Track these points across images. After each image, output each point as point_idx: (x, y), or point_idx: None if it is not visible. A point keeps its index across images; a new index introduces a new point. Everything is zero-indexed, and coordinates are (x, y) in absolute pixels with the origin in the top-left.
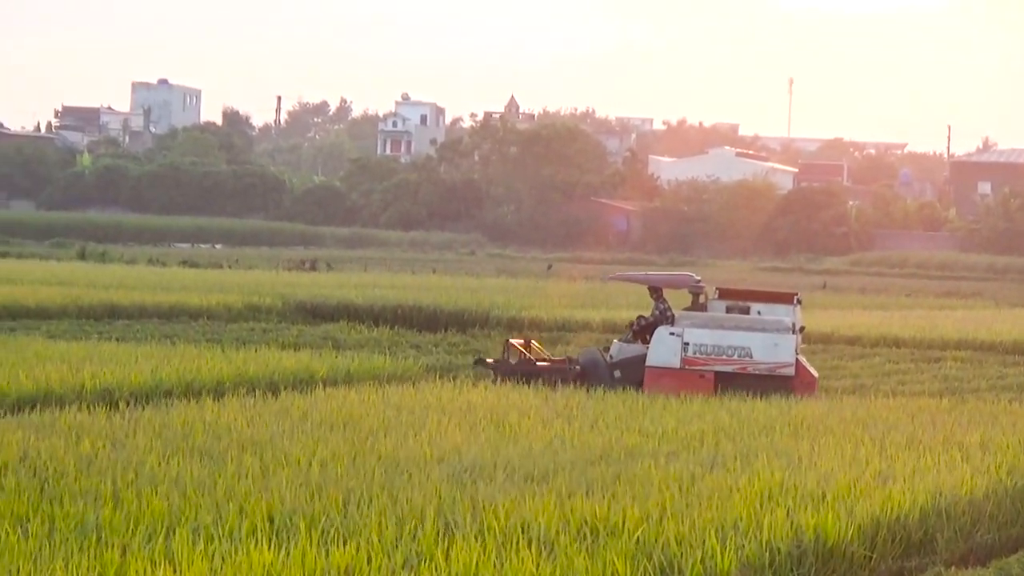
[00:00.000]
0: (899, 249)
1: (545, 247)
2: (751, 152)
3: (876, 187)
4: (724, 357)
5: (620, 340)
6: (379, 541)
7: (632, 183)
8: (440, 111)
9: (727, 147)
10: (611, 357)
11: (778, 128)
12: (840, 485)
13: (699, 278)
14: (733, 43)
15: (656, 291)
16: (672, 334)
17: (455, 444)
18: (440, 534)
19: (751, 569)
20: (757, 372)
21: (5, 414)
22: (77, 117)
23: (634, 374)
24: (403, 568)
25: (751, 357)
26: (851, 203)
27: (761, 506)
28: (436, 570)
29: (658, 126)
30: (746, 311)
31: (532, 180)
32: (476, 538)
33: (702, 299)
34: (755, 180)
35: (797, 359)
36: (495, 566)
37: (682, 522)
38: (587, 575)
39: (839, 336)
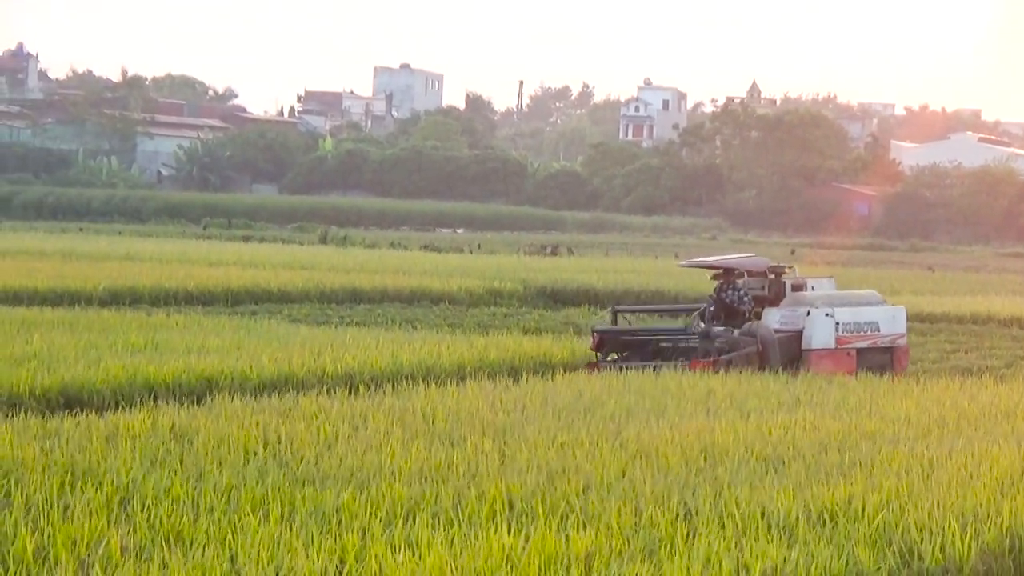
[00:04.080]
0: None
1: (786, 232)
2: (993, 138)
3: None
4: (861, 333)
5: (706, 325)
6: (618, 526)
7: (874, 168)
8: (682, 96)
9: (969, 132)
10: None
11: (1021, 114)
12: None
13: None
14: (975, 28)
15: (728, 275)
16: (827, 315)
17: (695, 429)
18: (679, 519)
19: (991, 556)
20: (883, 345)
21: (248, 398)
22: (320, 102)
23: (786, 353)
24: (643, 554)
25: (879, 331)
26: None
27: (1001, 492)
28: (676, 556)
29: (900, 111)
30: (802, 287)
31: (774, 165)
32: (716, 524)
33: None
34: (997, 166)
35: None
36: (735, 552)
37: (922, 508)
38: (828, 562)
39: None
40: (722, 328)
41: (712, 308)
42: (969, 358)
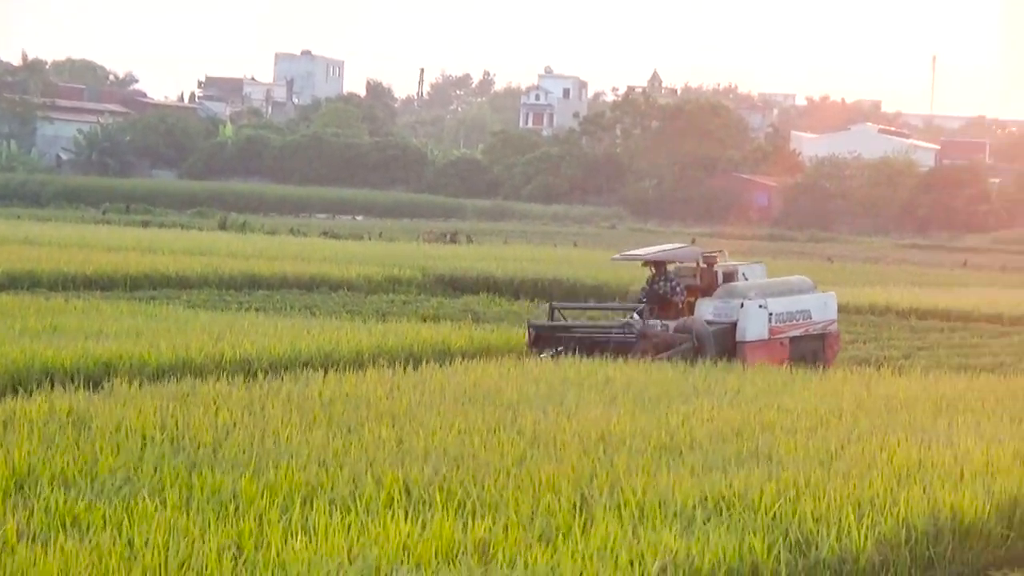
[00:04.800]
0: None
1: (686, 222)
2: (893, 129)
3: (1019, 165)
4: (794, 322)
5: (641, 318)
6: (516, 514)
7: (774, 159)
8: (583, 85)
9: (869, 124)
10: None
11: (920, 105)
12: (978, 463)
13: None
14: (877, 20)
15: (660, 266)
16: (760, 307)
17: (593, 418)
18: (577, 508)
19: (887, 546)
20: (814, 332)
21: (146, 383)
22: (220, 87)
23: (720, 345)
24: (539, 542)
25: (811, 318)
26: (993, 181)
27: (898, 483)
28: (573, 544)
29: (800, 102)
30: (733, 275)
31: (674, 155)
32: (613, 512)
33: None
34: (897, 157)
35: None
36: (632, 540)
37: (819, 498)
38: (724, 551)
39: (979, 314)
40: (658, 323)
41: (645, 301)
42: (867, 349)
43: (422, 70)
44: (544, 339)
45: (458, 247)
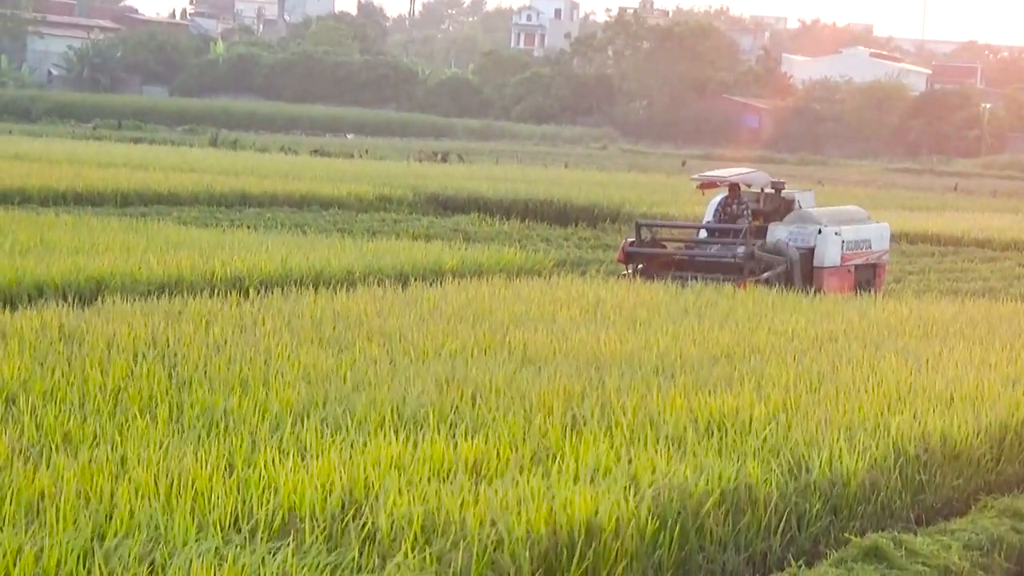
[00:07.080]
0: None
1: (677, 143)
2: (885, 53)
3: (1010, 90)
4: (859, 251)
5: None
6: (507, 435)
7: (765, 82)
8: (574, 5)
9: (861, 47)
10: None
11: (912, 30)
12: (968, 388)
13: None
14: None
15: (735, 189)
16: (836, 234)
17: (583, 339)
18: (568, 429)
19: (878, 470)
20: (871, 262)
21: (136, 300)
22: (211, 4)
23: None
24: (531, 462)
25: (871, 248)
26: (984, 106)
27: (888, 408)
28: (564, 465)
29: (792, 25)
30: (792, 202)
31: (665, 76)
32: (604, 433)
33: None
34: (888, 81)
35: None
36: (623, 461)
37: (809, 422)
38: (715, 473)
39: (969, 239)
40: (755, 247)
41: (714, 221)
42: None
43: None
44: (644, 258)
45: (449, 166)
